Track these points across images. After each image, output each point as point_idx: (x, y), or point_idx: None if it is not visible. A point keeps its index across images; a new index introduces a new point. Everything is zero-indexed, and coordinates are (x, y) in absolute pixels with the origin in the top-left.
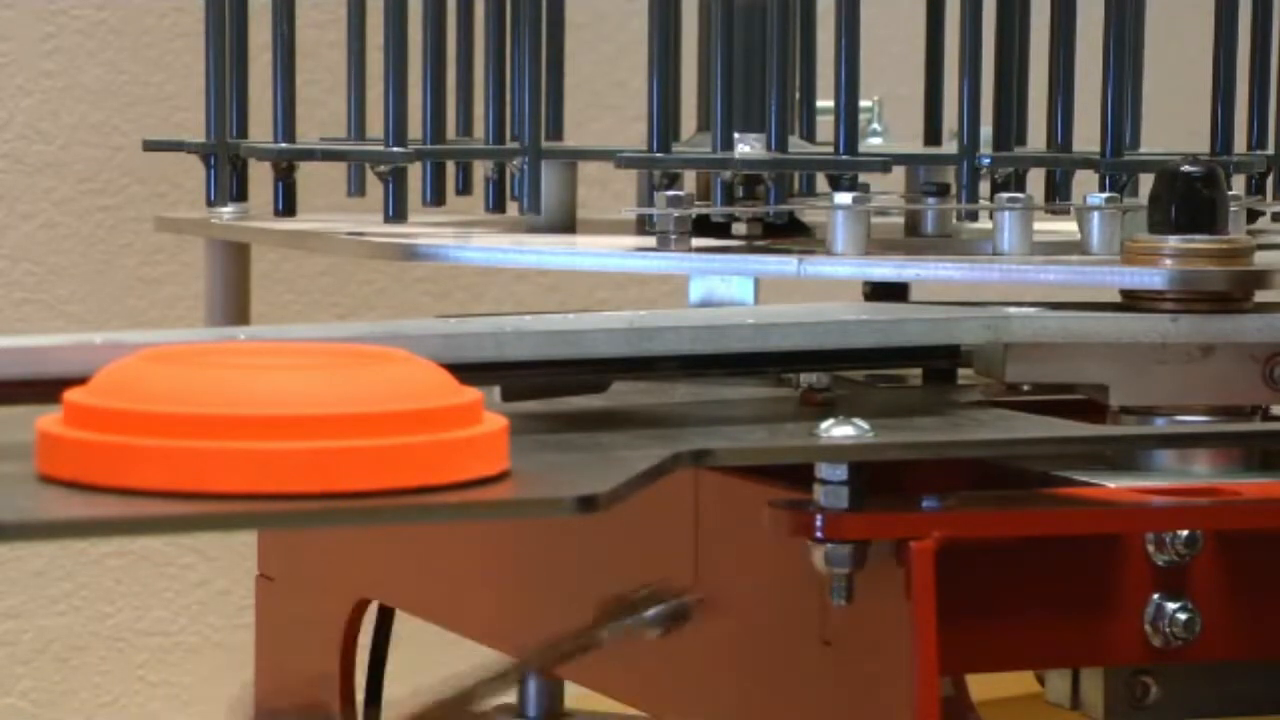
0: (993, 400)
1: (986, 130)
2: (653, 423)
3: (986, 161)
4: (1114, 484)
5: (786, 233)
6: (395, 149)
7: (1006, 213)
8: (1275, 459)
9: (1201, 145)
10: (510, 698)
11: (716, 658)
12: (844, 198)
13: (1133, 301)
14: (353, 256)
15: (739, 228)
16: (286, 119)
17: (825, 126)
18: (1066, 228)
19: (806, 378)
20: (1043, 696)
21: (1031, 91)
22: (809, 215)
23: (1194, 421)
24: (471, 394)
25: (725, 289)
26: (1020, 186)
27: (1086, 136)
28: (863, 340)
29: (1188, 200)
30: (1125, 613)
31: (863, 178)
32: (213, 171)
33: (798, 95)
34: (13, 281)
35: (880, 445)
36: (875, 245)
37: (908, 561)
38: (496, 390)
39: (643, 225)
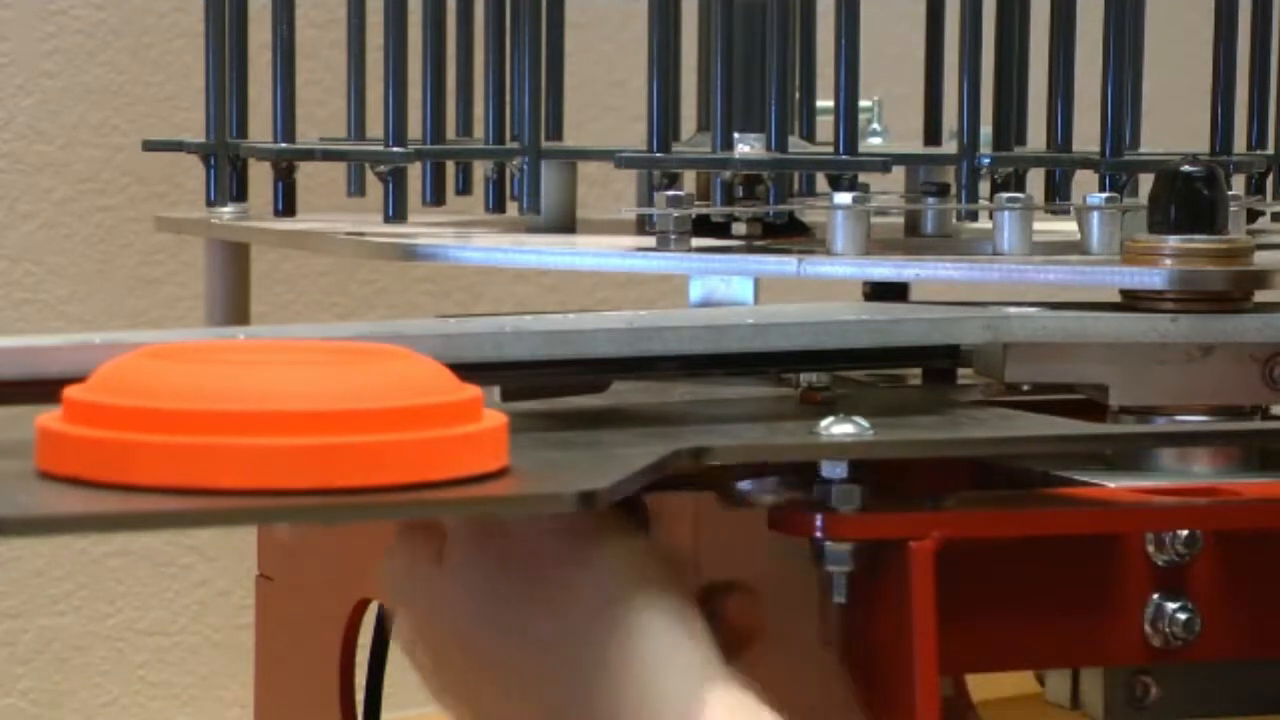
0: (992, 400)
1: (986, 130)
2: (652, 421)
3: (986, 161)
4: (1114, 484)
5: (786, 233)
6: (395, 149)
7: (1006, 213)
8: (1275, 459)
9: (1201, 145)
10: None
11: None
12: (844, 198)
13: (1133, 301)
14: (353, 256)
15: (739, 228)
16: (286, 119)
17: (825, 126)
18: (1066, 228)
19: (806, 377)
20: (1043, 696)
21: (1031, 91)
22: (809, 215)
23: (1194, 421)
24: (471, 391)
25: (725, 289)
26: (1020, 186)
27: (1086, 136)
28: (862, 340)
29: (1188, 200)
30: (1125, 613)
31: (863, 178)
32: (213, 171)
33: (798, 95)
34: (13, 281)
35: (880, 443)
36: (875, 245)
37: (908, 561)
38: (496, 391)
39: (643, 225)
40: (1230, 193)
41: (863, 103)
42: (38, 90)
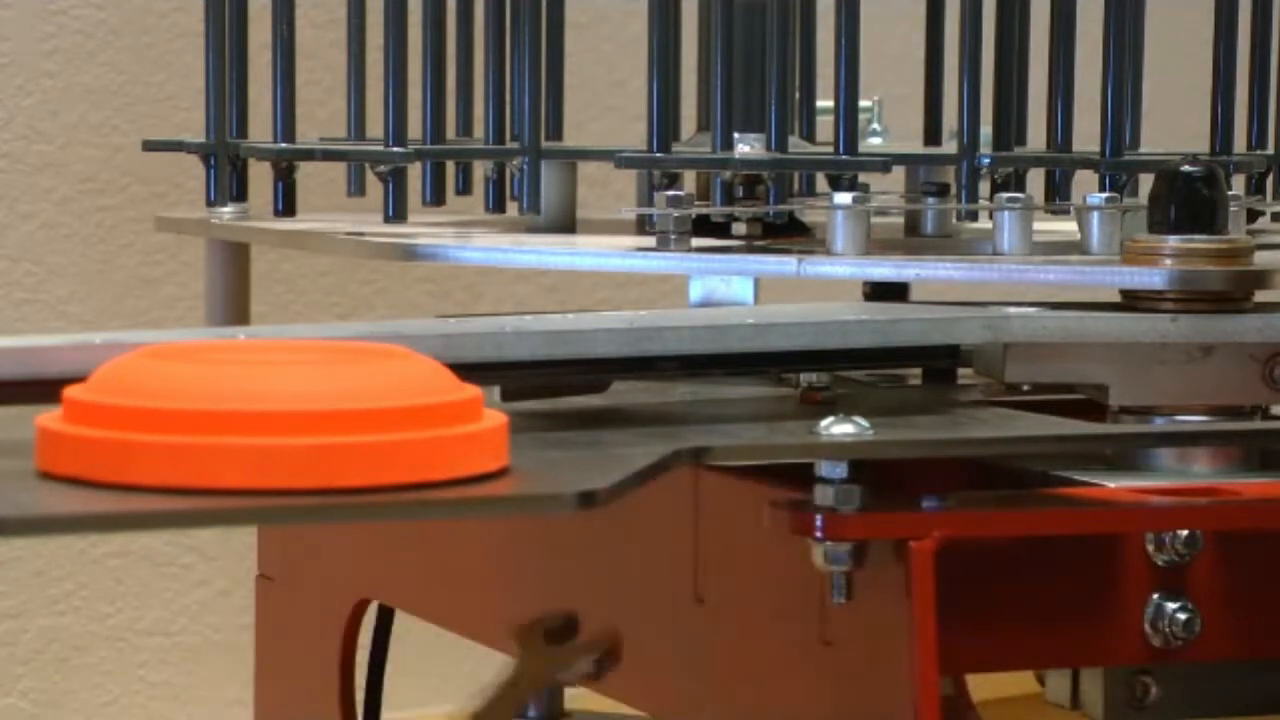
0: (992, 400)
1: (986, 130)
2: (652, 421)
3: (986, 161)
4: (1114, 484)
5: (786, 233)
6: (395, 149)
7: (1006, 213)
8: (1275, 459)
9: (1201, 145)
10: None
11: (717, 657)
12: (844, 198)
13: (1133, 301)
14: (353, 256)
15: (739, 228)
16: (286, 119)
17: (825, 126)
18: (1066, 228)
19: (806, 377)
20: (1043, 696)
21: (1031, 91)
22: (809, 215)
23: (1194, 421)
24: (471, 390)
25: (725, 289)
26: (1020, 186)
27: (1086, 136)
28: (862, 340)
29: (1188, 200)
30: (1125, 613)
31: (863, 178)
32: (213, 171)
33: (798, 95)
34: (13, 281)
35: (880, 443)
36: (875, 245)
37: (908, 561)
38: (496, 391)
39: (643, 225)
40: (1230, 193)
41: (863, 103)
42: (38, 90)
